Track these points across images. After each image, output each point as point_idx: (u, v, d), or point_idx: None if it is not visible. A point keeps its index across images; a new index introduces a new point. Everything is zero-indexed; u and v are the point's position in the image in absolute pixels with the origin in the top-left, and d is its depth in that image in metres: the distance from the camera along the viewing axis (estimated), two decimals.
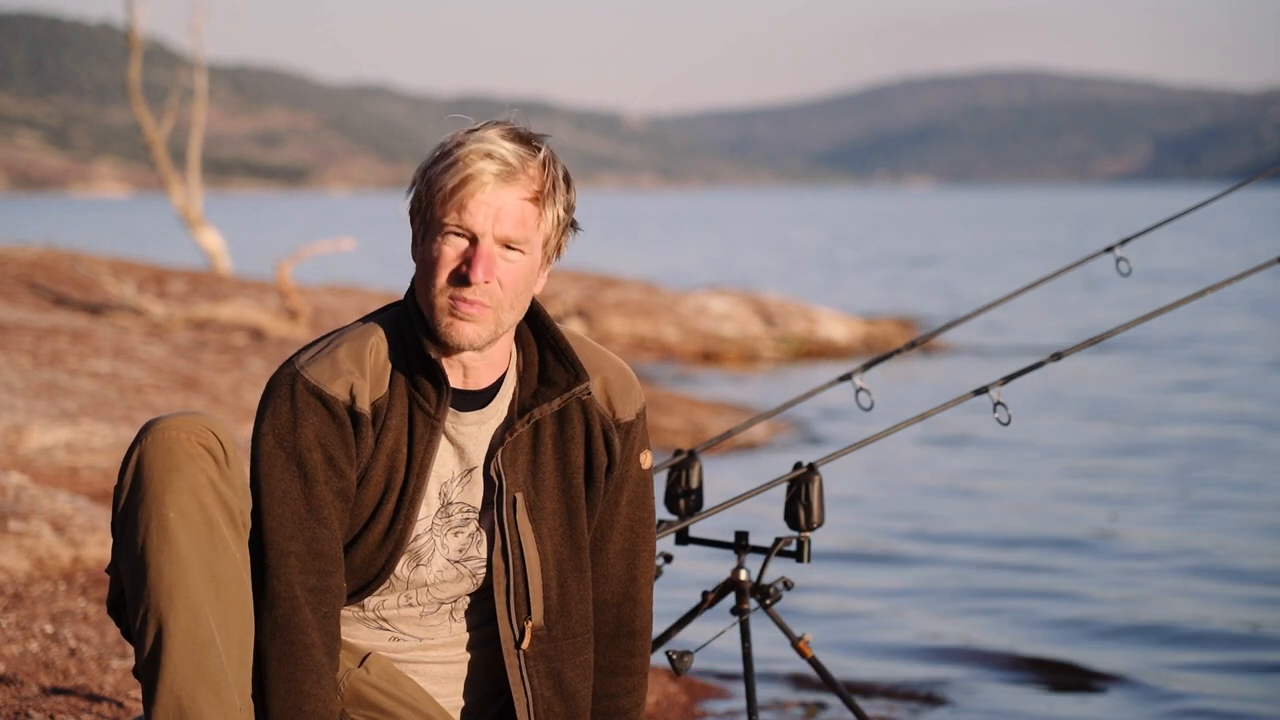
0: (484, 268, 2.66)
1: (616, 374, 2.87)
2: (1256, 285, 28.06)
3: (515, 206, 2.68)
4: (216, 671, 2.55)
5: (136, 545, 2.56)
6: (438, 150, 2.71)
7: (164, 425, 2.61)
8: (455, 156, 2.68)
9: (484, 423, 2.79)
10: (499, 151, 2.67)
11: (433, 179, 2.70)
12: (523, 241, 2.69)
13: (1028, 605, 7.34)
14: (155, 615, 2.54)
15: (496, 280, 2.68)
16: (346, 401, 2.69)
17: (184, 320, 15.62)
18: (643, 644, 2.94)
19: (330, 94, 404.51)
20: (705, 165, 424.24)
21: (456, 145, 2.69)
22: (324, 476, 2.66)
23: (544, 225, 2.72)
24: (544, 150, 2.71)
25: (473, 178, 2.66)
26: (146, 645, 2.56)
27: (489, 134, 2.69)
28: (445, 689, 2.83)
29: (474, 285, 2.66)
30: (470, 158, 2.66)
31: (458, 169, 2.67)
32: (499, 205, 2.67)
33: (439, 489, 2.77)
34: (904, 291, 30.51)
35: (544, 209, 2.71)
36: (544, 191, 2.70)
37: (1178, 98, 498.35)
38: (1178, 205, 75.54)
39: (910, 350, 4.58)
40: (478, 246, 2.67)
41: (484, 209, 2.66)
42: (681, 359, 18.09)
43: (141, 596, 2.55)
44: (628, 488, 2.88)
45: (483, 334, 2.70)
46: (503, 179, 2.67)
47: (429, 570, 2.76)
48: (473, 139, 2.68)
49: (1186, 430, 12.83)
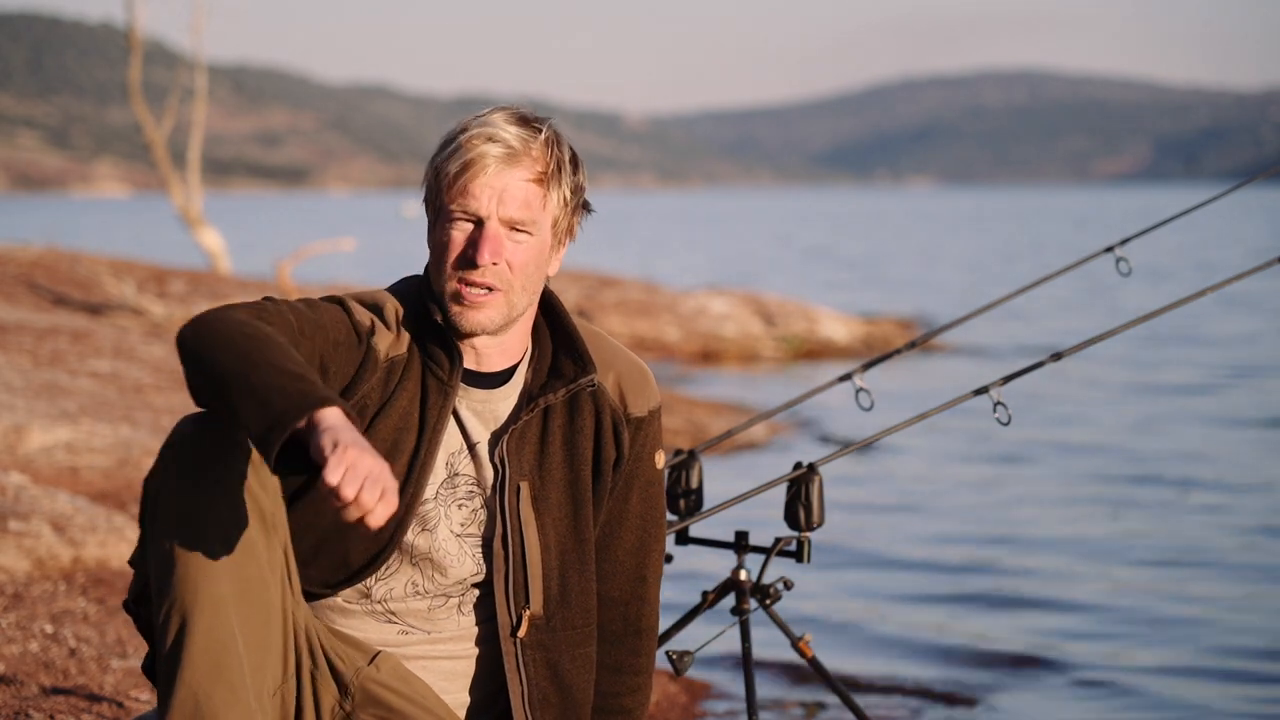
0: (490, 250, 2.68)
1: (631, 369, 2.88)
2: (1255, 286, 28.07)
3: (520, 188, 2.70)
4: (235, 671, 2.55)
5: (166, 541, 2.56)
6: (444, 139, 2.75)
7: (198, 422, 2.61)
8: (458, 142, 2.71)
9: (489, 403, 2.80)
10: (501, 134, 2.69)
11: (439, 167, 2.73)
12: (529, 223, 2.72)
13: (1029, 605, 7.34)
14: (179, 611, 2.54)
15: (505, 262, 2.70)
16: (367, 329, 2.72)
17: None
18: (649, 643, 2.95)
19: (330, 94, 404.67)
20: (705, 165, 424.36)
21: (461, 131, 2.73)
22: (320, 337, 2.67)
23: (550, 206, 2.74)
24: (546, 131, 2.74)
25: (475, 161, 2.69)
26: (168, 640, 2.55)
27: (492, 118, 2.72)
28: (452, 685, 2.83)
29: (481, 268, 2.69)
30: (473, 142, 2.70)
31: (460, 154, 2.70)
32: (502, 187, 2.69)
33: (446, 459, 2.78)
34: (902, 293, 30.51)
35: (549, 189, 2.73)
36: (548, 172, 2.73)
37: (1178, 98, 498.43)
38: (1178, 205, 75.52)
39: (910, 350, 4.58)
40: (483, 229, 2.70)
41: (487, 191, 2.69)
42: (681, 359, 18.09)
43: (167, 592, 2.55)
44: (638, 485, 2.89)
45: (495, 318, 2.72)
46: (505, 161, 2.69)
47: (434, 537, 2.77)
48: (476, 124, 2.72)
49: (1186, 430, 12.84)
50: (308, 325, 2.67)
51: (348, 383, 2.71)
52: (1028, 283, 5.01)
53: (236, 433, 2.59)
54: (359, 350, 2.72)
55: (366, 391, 2.72)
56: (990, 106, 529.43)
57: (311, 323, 2.68)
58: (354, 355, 2.71)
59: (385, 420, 2.73)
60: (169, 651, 2.55)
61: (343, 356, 2.70)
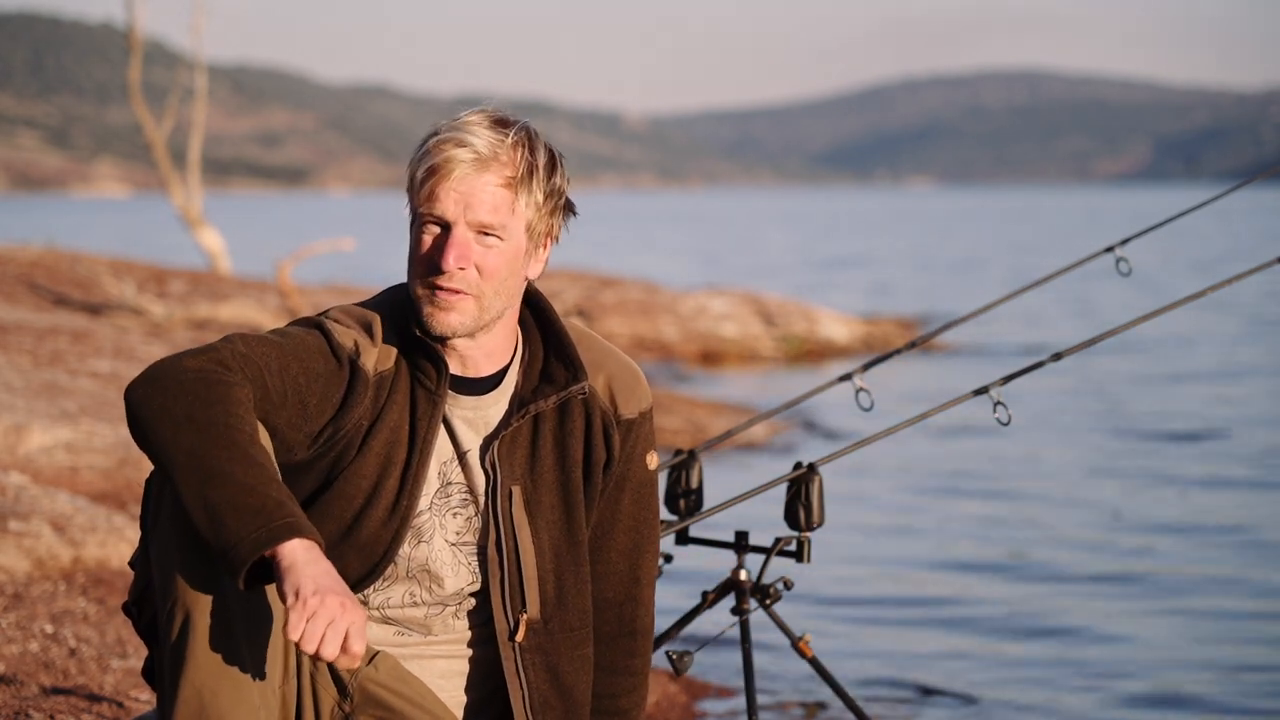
0: (455, 255, 2.67)
1: (621, 370, 2.88)
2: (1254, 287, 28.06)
3: (488, 193, 2.69)
4: (239, 669, 2.55)
5: (167, 541, 2.56)
6: (420, 141, 2.75)
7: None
8: (427, 146, 2.71)
9: (479, 409, 2.79)
10: (469, 139, 2.68)
11: (413, 171, 2.73)
12: (499, 227, 2.70)
13: (1029, 606, 7.34)
14: (182, 609, 2.54)
15: (474, 267, 2.69)
16: (351, 352, 2.71)
17: (184, 320, 15.63)
18: (644, 644, 2.94)
19: (330, 94, 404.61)
20: (705, 165, 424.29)
21: (432, 135, 2.72)
22: (296, 370, 2.66)
23: (521, 210, 2.72)
24: (516, 134, 2.71)
25: (440, 166, 2.68)
26: (171, 638, 2.55)
27: (463, 122, 2.71)
28: (449, 684, 2.84)
29: (448, 273, 2.68)
30: (441, 146, 2.69)
31: (428, 158, 2.70)
32: (467, 191, 2.68)
33: (438, 469, 2.78)
34: (900, 294, 30.51)
35: (518, 193, 2.71)
36: (517, 176, 2.71)
37: (1178, 98, 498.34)
38: (1178, 205, 75.49)
39: (910, 350, 4.58)
40: (450, 234, 2.69)
41: (453, 196, 2.68)
42: (681, 359, 18.09)
43: (169, 591, 2.55)
44: (630, 487, 2.88)
45: (465, 321, 2.71)
46: (473, 166, 2.68)
47: (430, 548, 2.77)
48: (447, 128, 2.71)
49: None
50: (279, 361, 2.65)
51: (336, 410, 2.70)
52: (1028, 283, 5.00)
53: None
54: (342, 375, 2.70)
55: (360, 415, 2.72)
56: (990, 106, 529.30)
57: (285, 356, 2.66)
58: (337, 381, 2.70)
59: (377, 436, 2.72)
60: (172, 650, 2.55)
61: (322, 387, 2.69)
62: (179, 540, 2.55)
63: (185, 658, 2.54)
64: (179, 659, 2.55)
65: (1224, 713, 5.81)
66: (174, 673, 2.55)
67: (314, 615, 2.42)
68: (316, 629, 2.42)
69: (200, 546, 2.53)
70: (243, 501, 2.46)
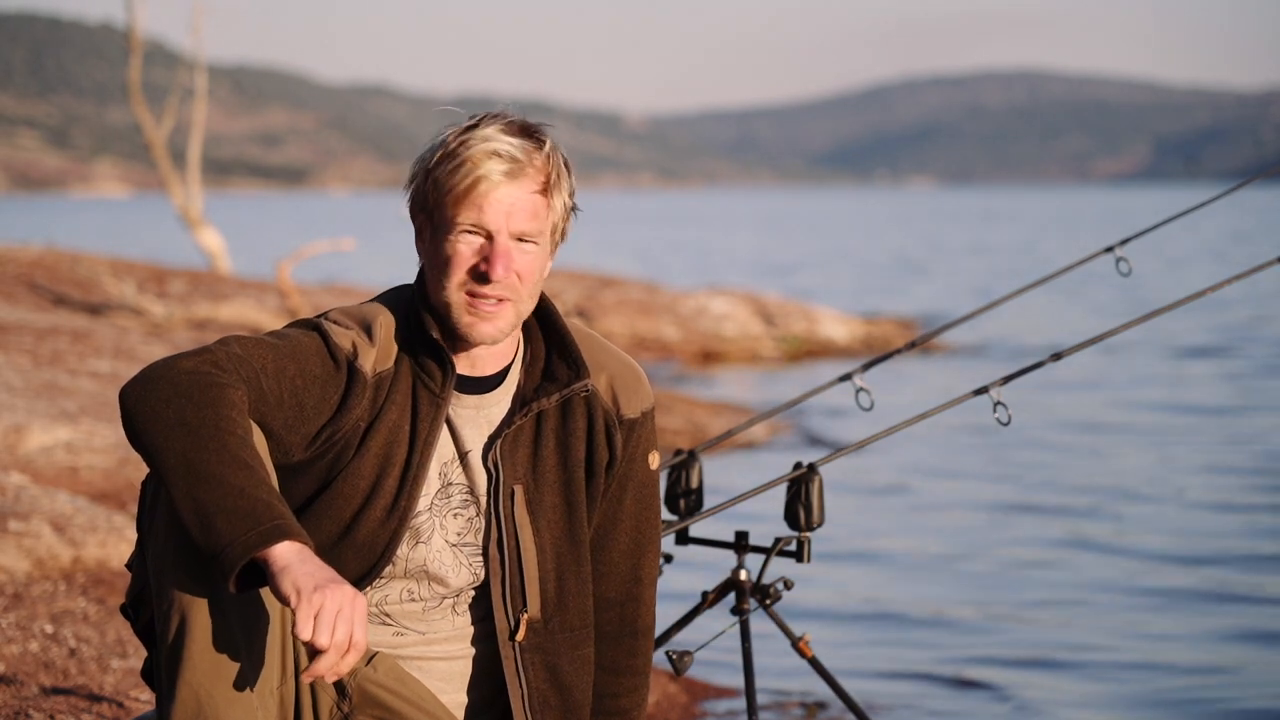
0: (503, 265, 2.71)
1: (624, 370, 2.89)
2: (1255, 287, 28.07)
3: (527, 201, 2.73)
4: (236, 670, 2.55)
5: (165, 542, 2.57)
6: (439, 148, 2.74)
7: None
8: (462, 157, 2.71)
9: (481, 408, 2.80)
10: (505, 149, 2.71)
11: (440, 180, 2.73)
12: (536, 234, 2.74)
13: (1030, 605, 7.34)
14: (179, 610, 2.54)
15: (515, 273, 2.72)
16: (349, 354, 2.71)
17: (184, 320, 15.63)
18: (645, 644, 2.95)
19: (330, 94, 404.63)
20: (705, 165, 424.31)
21: (461, 145, 2.72)
22: (293, 372, 2.66)
23: (552, 215, 2.77)
24: (548, 142, 2.76)
25: (485, 178, 2.70)
26: (169, 639, 2.55)
27: (490, 131, 2.72)
28: (449, 686, 2.83)
29: (495, 282, 2.70)
30: (478, 158, 2.70)
31: (467, 170, 2.70)
32: (511, 201, 2.71)
33: (439, 469, 2.79)
34: (899, 296, 30.50)
35: (551, 199, 2.76)
36: (550, 182, 2.75)
37: (1178, 98, 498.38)
38: (1178, 205, 75.52)
39: (910, 350, 4.58)
40: (494, 244, 2.71)
41: (497, 207, 2.71)
42: (681, 359, 18.10)
43: (166, 592, 2.56)
44: (632, 487, 2.89)
45: (504, 328, 2.75)
46: (512, 176, 2.71)
47: (429, 549, 2.77)
48: (477, 137, 2.72)
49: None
50: (275, 363, 2.66)
51: (333, 411, 2.71)
52: (1027, 283, 5.01)
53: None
54: (339, 376, 2.71)
55: (358, 416, 2.72)
56: (990, 106, 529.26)
57: (281, 358, 2.67)
58: (334, 384, 2.71)
59: (375, 436, 2.73)
60: (170, 650, 2.55)
61: (319, 389, 2.69)
62: (175, 542, 2.55)
63: (182, 659, 2.54)
64: (176, 660, 2.55)
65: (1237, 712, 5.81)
66: (171, 674, 2.55)
67: (321, 609, 2.42)
68: (326, 622, 2.42)
69: (196, 548, 2.53)
70: (233, 504, 2.46)
